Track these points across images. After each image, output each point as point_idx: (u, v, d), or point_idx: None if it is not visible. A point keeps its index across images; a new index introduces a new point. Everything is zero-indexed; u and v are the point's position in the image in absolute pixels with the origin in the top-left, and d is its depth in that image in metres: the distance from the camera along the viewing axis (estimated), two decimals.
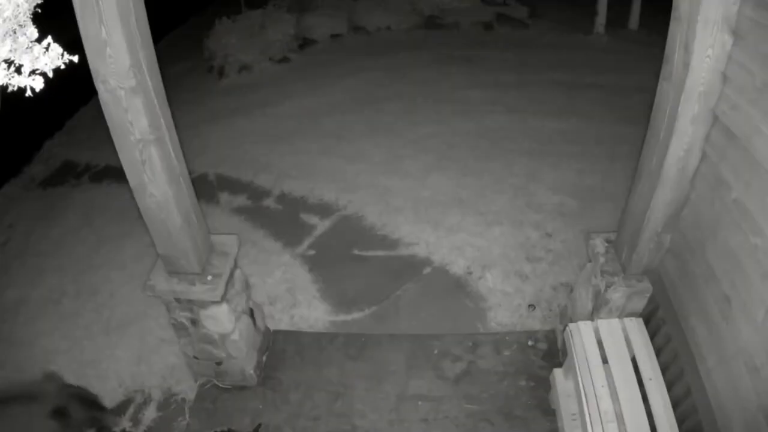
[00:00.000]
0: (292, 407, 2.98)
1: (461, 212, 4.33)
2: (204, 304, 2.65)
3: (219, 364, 2.95)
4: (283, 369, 3.18)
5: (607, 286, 2.52)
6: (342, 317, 3.54)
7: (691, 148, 2.05)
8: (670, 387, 2.27)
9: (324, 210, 4.50)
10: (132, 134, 2.08)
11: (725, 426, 1.93)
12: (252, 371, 3.02)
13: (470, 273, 3.77)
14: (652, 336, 2.47)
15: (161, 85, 2.17)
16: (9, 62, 1.21)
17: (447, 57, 7.34)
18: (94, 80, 1.96)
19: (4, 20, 1.20)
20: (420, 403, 2.97)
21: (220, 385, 3.06)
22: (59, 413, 2.36)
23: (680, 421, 2.17)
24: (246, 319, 2.95)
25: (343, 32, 8.39)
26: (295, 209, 4.55)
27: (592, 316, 2.69)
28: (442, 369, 3.13)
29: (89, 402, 2.49)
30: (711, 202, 2.05)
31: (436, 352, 3.22)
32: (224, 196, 4.77)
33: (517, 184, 4.63)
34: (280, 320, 3.51)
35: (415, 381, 3.08)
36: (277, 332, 3.39)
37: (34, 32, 1.26)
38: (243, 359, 2.95)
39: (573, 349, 2.47)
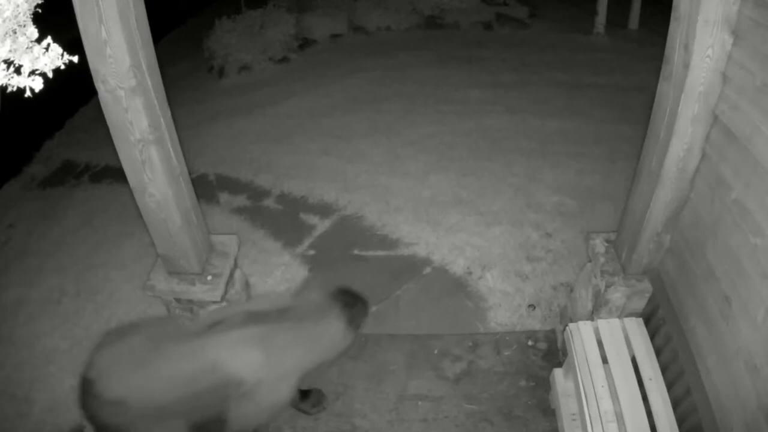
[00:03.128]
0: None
1: (461, 212, 4.33)
2: (204, 304, 2.65)
3: None
4: None
5: (607, 286, 2.52)
6: None
7: (691, 148, 2.05)
8: (670, 387, 2.27)
9: (324, 210, 4.50)
10: (132, 134, 2.08)
11: (725, 426, 1.93)
12: None
13: (470, 273, 3.77)
14: (652, 336, 2.47)
15: (161, 85, 2.17)
16: (9, 62, 1.22)
17: (447, 57, 7.34)
18: (94, 80, 1.96)
19: (4, 20, 1.21)
20: (420, 403, 2.97)
21: None
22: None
23: (680, 421, 2.17)
24: None
25: (343, 32, 8.40)
26: (295, 209, 4.54)
27: (592, 316, 2.69)
28: (442, 369, 3.13)
29: (356, 297, 2.47)
30: (711, 202, 2.05)
31: (436, 352, 3.22)
32: (224, 196, 4.77)
33: (517, 184, 4.63)
34: None
35: (415, 381, 3.07)
36: None
37: (34, 32, 1.26)
38: None
39: (573, 349, 2.47)
